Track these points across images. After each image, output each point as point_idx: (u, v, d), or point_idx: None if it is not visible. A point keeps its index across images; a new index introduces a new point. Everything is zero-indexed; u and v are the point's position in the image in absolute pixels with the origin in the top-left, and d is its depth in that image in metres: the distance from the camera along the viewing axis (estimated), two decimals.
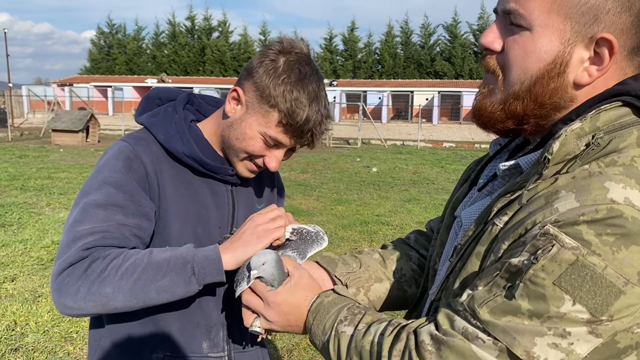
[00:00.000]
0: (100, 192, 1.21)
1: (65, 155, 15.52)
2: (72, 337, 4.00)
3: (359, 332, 0.94)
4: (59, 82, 42.65)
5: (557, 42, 0.83)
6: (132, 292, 1.14)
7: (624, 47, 0.83)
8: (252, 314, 1.11)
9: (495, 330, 0.76)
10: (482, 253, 0.86)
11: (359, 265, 1.23)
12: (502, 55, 0.89)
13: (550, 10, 0.82)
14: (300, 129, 1.25)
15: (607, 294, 0.70)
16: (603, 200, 0.73)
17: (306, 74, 1.25)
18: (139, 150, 1.29)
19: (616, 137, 0.80)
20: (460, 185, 1.15)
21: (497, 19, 0.91)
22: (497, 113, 0.90)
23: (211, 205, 1.38)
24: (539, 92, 0.85)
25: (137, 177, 1.26)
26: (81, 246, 1.15)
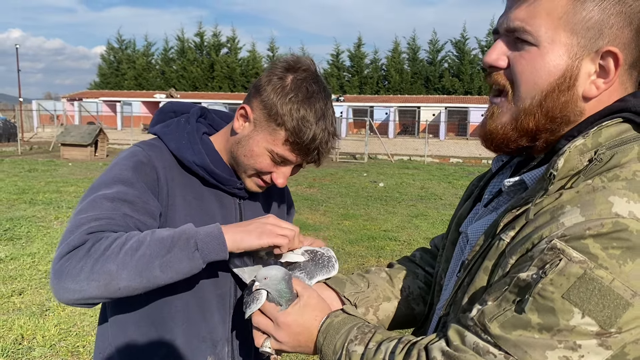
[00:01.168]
0: (110, 188, 1.22)
1: (74, 169, 15.63)
2: (79, 351, 3.99)
3: (369, 350, 0.94)
4: (68, 96, 43.12)
5: (565, 57, 0.85)
6: (137, 268, 1.10)
7: (625, 61, 0.85)
8: (263, 335, 1.12)
9: (507, 344, 0.77)
10: (490, 268, 0.87)
11: (367, 285, 1.24)
12: (509, 70, 0.90)
13: (556, 26, 0.84)
14: (307, 147, 1.26)
15: (615, 306, 0.71)
16: (608, 215, 0.74)
17: (313, 92, 1.27)
18: (152, 156, 1.31)
19: (618, 152, 0.81)
20: (464, 202, 1.16)
21: (500, 38, 0.92)
22: (510, 133, 0.91)
23: (218, 217, 1.38)
24: (550, 106, 0.87)
25: (147, 180, 1.27)
26: (85, 230, 1.13)
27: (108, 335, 1.36)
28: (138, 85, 49.04)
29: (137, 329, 1.31)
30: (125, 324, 1.33)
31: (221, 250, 1.15)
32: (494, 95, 0.94)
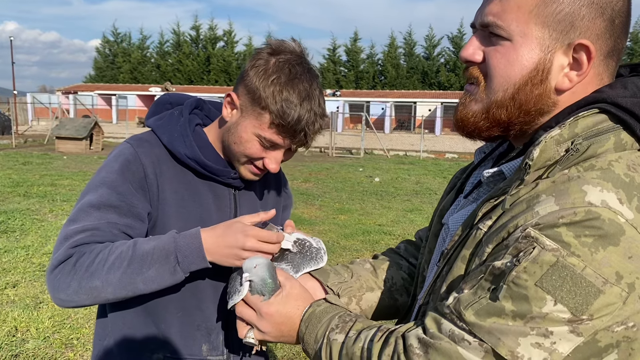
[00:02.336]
0: (96, 193, 1.26)
1: (69, 162, 15.58)
2: (72, 343, 4.01)
3: (349, 339, 0.95)
4: (63, 90, 42.88)
5: (537, 50, 0.86)
6: (120, 284, 1.18)
7: (600, 52, 0.86)
8: (246, 326, 1.13)
9: (481, 331, 0.78)
10: (468, 257, 0.88)
11: (350, 275, 1.25)
12: (484, 64, 0.91)
13: (527, 20, 0.85)
14: (292, 128, 1.26)
15: (586, 293, 0.72)
16: (581, 203, 0.75)
17: (297, 73, 1.26)
18: (140, 152, 1.33)
19: (594, 142, 0.82)
20: (446, 194, 1.17)
21: (476, 33, 0.93)
22: (481, 122, 0.92)
23: (213, 208, 1.39)
24: (522, 99, 0.88)
25: (134, 179, 1.29)
26: (70, 244, 1.20)
27: (107, 324, 1.39)
28: (133, 79, 48.79)
29: (135, 318, 1.35)
30: (123, 313, 1.36)
31: (201, 261, 1.21)
32: (469, 82, 0.95)
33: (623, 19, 0.86)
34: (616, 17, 0.85)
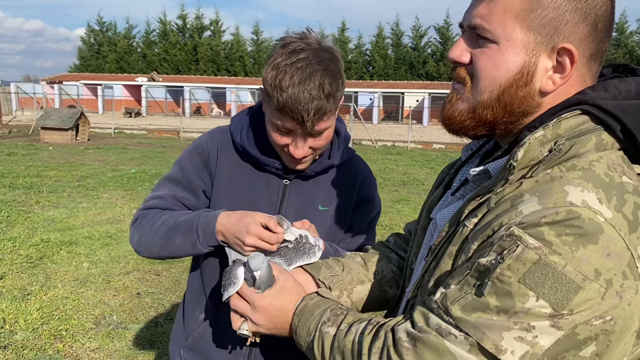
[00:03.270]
0: (171, 170, 1.59)
1: (55, 153, 15.43)
2: (61, 334, 4.01)
3: (341, 332, 0.98)
4: (48, 79, 42.33)
5: (522, 54, 0.88)
6: (160, 246, 1.47)
7: (583, 55, 0.88)
8: (240, 318, 1.15)
9: (467, 326, 0.81)
10: (454, 253, 0.91)
11: (341, 269, 1.27)
12: (471, 66, 0.93)
13: (513, 24, 0.87)
14: (289, 109, 1.30)
15: (567, 289, 0.75)
16: (563, 203, 0.78)
17: (297, 58, 1.30)
18: (209, 139, 1.57)
19: (576, 143, 0.85)
20: (435, 189, 1.20)
21: (464, 34, 0.95)
22: (467, 121, 0.95)
23: (263, 193, 1.54)
24: (507, 100, 0.90)
25: (199, 159, 1.55)
26: (143, 206, 1.56)
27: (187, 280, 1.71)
28: (119, 69, 48.27)
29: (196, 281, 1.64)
30: (192, 275, 1.67)
31: (213, 240, 1.40)
32: (456, 81, 0.97)
33: (606, 23, 0.89)
34: (599, 22, 0.87)
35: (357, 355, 0.93)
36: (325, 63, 1.32)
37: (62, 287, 4.93)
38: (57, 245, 6.20)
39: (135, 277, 5.33)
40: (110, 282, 5.14)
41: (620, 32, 41.78)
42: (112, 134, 24.01)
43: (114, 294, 4.88)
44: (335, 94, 1.34)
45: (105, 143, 19.40)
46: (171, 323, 4.31)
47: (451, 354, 0.81)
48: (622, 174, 0.84)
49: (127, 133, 24.95)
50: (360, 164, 1.68)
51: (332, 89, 1.32)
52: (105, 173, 11.86)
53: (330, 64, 1.34)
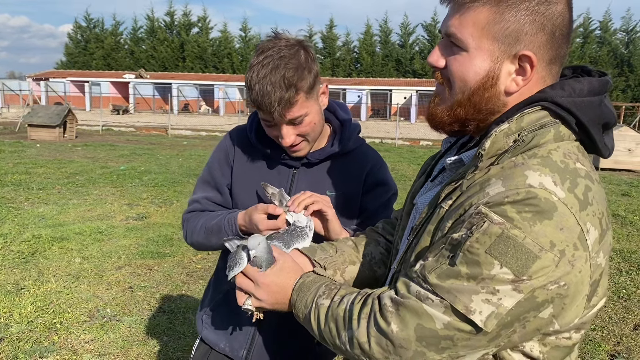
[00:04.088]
0: (203, 171, 1.82)
1: (43, 150, 15.39)
2: (56, 327, 4.09)
3: (334, 302, 1.11)
4: (34, 76, 41.96)
5: (488, 60, 1.01)
6: (204, 245, 1.72)
7: (542, 60, 1.01)
8: (245, 295, 1.26)
9: (442, 291, 0.93)
10: (432, 231, 1.04)
11: (335, 251, 1.39)
12: (446, 70, 1.06)
13: (480, 35, 1.00)
14: (258, 103, 1.49)
15: (526, 258, 0.88)
16: (523, 185, 0.91)
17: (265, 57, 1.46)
18: (230, 135, 1.79)
19: (537, 134, 0.98)
20: (418, 178, 1.33)
21: (441, 40, 1.08)
22: (445, 118, 1.08)
23: (275, 182, 1.67)
24: (476, 100, 1.03)
25: (222, 156, 1.77)
26: (186, 210, 1.80)
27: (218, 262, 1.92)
28: (107, 65, 47.96)
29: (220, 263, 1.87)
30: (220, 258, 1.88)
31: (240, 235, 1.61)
32: (438, 83, 1.10)
33: (563, 31, 1.01)
34: (556, 30, 1.00)
35: (348, 321, 1.05)
36: (287, 57, 1.46)
37: (55, 282, 5.00)
38: (49, 241, 6.25)
39: (127, 271, 5.41)
40: (102, 277, 5.21)
41: (605, 31, 42.28)
42: (100, 131, 23.93)
43: (107, 288, 4.96)
44: (298, 83, 1.47)
45: (93, 140, 19.34)
46: (163, 315, 4.40)
47: (428, 315, 0.93)
48: (576, 161, 0.97)
49: (115, 130, 24.87)
50: (369, 152, 1.80)
51: (294, 79, 1.46)
52: (95, 170, 11.88)
53: (294, 57, 1.47)
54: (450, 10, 1.04)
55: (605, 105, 1.02)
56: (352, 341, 1.03)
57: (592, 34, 42.30)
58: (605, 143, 1.03)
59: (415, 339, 0.94)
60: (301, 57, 1.49)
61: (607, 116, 1.02)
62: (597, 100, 1.01)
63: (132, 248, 6.17)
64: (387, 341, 0.97)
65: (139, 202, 8.68)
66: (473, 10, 0.99)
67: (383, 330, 0.98)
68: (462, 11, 1.01)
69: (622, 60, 41.27)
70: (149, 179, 10.91)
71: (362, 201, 1.75)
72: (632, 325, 4.48)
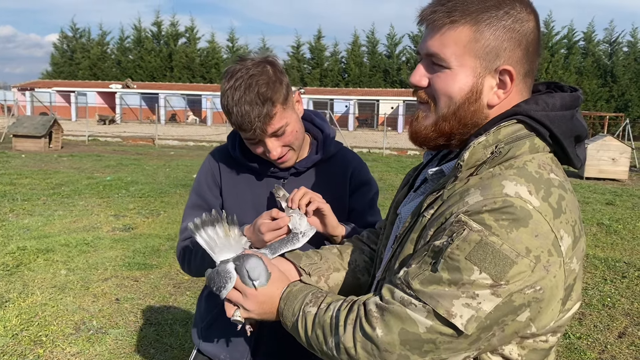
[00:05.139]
0: (190, 198, 1.80)
1: (28, 161, 15.26)
2: (41, 340, 4.05)
3: (321, 310, 1.14)
4: (19, 86, 41.63)
5: (471, 77, 1.05)
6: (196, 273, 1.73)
7: (519, 73, 1.06)
8: (233, 306, 1.28)
9: (424, 296, 0.96)
10: (415, 239, 1.07)
11: (320, 258, 1.41)
12: (430, 88, 1.10)
13: (462, 53, 1.04)
14: (239, 124, 1.53)
15: (504, 264, 0.92)
16: (500, 194, 0.96)
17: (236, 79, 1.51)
18: (211, 157, 1.80)
19: (513, 146, 1.03)
20: (401, 189, 1.37)
21: (422, 60, 1.12)
22: (431, 134, 1.12)
23: (264, 196, 1.72)
24: (462, 114, 1.08)
25: (208, 179, 1.77)
26: (180, 240, 1.77)
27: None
28: (93, 75, 47.73)
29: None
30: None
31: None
32: (419, 102, 1.14)
33: (535, 47, 1.07)
34: (530, 46, 1.06)
35: (335, 327, 1.07)
36: (258, 75, 1.52)
37: (40, 294, 4.95)
38: (34, 253, 6.19)
39: (113, 283, 5.37)
40: (88, 289, 5.17)
41: (588, 42, 42.98)
42: (86, 141, 23.79)
43: (93, 300, 4.92)
44: (273, 96, 1.52)
45: (79, 150, 19.22)
46: (151, 327, 4.38)
47: (412, 319, 0.97)
48: (550, 172, 1.02)
49: (101, 140, 24.74)
50: (349, 154, 1.87)
51: (268, 93, 1.51)
52: (81, 181, 11.80)
53: (263, 73, 1.53)
54: (428, 31, 1.08)
55: (576, 119, 1.08)
56: (339, 347, 1.05)
57: (576, 45, 42.98)
58: (577, 154, 1.09)
59: (400, 343, 0.98)
60: (269, 72, 1.54)
61: (578, 129, 1.08)
62: (569, 114, 1.06)
63: (119, 259, 6.13)
64: (372, 345, 1.00)
65: (125, 213, 8.63)
66: (453, 30, 1.04)
67: (368, 335, 1.01)
68: (442, 31, 1.05)
69: (605, 70, 41.94)
70: (136, 189, 10.86)
71: (350, 202, 1.81)
72: (617, 333, 4.53)
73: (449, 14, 1.04)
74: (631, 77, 41.06)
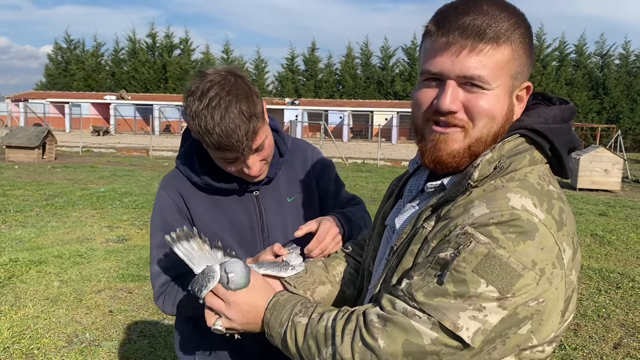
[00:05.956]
0: (155, 237, 1.64)
1: (21, 172, 15.18)
2: (33, 353, 4.00)
3: (313, 320, 1.11)
4: (13, 97, 41.50)
5: (507, 95, 1.06)
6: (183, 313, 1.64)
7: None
8: (215, 315, 1.23)
9: (429, 308, 0.96)
10: (415, 251, 1.06)
11: (305, 271, 1.39)
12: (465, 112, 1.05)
13: (501, 74, 1.03)
14: (224, 145, 1.42)
15: (510, 277, 0.92)
16: (506, 207, 0.96)
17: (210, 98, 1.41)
18: (167, 192, 1.65)
19: (514, 160, 1.04)
20: (386, 199, 1.35)
21: (449, 84, 1.04)
22: (465, 159, 1.07)
23: (240, 212, 1.63)
24: (500, 132, 1.08)
25: (172, 214, 1.62)
26: (159, 284, 1.63)
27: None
28: (87, 87, 47.60)
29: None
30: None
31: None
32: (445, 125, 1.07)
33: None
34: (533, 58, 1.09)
35: (330, 337, 1.05)
36: (234, 89, 1.43)
37: (32, 306, 4.91)
38: (26, 264, 6.14)
39: (107, 295, 5.33)
40: (81, 301, 5.13)
41: (580, 54, 43.39)
42: (80, 152, 23.70)
43: (86, 312, 4.87)
44: (255, 110, 1.45)
45: (73, 162, 19.14)
46: (144, 340, 4.34)
47: (416, 331, 0.96)
48: (549, 184, 1.04)
49: (95, 151, 24.66)
50: (299, 143, 1.82)
51: (250, 108, 1.44)
52: (74, 192, 11.74)
53: (237, 87, 1.44)
54: (463, 50, 1.01)
55: (572, 131, 1.10)
56: (335, 357, 1.04)
57: (568, 58, 43.33)
58: (570, 165, 1.11)
59: (402, 354, 0.97)
60: (243, 85, 1.46)
61: (574, 141, 1.10)
62: (568, 127, 1.08)
63: (112, 271, 6.09)
64: (372, 355, 0.99)
65: (119, 224, 8.58)
66: (494, 50, 1.01)
67: (370, 345, 0.99)
68: (483, 51, 1.01)
69: (597, 82, 42.28)
70: (130, 200, 10.81)
71: (320, 187, 1.78)
72: (612, 344, 4.53)
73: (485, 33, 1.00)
74: (622, 89, 41.42)
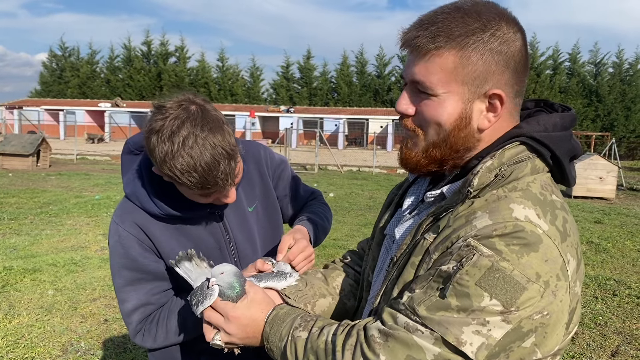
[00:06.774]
0: (120, 277, 1.52)
1: (15, 179, 15.09)
2: None
3: (313, 334, 1.08)
4: (7, 104, 41.37)
5: (459, 103, 1.03)
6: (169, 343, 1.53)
7: (509, 95, 1.04)
8: (213, 330, 1.21)
9: (432, 323, 0.93)
10: (417, 263, 1.04)
11: (304, 284, 1.37)
12: (417, 116, 1.07)
13: (448, 81, 1.01)
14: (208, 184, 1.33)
15: (514, 290, 0.90)
16: (510, 219, 0.94)
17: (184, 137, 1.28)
18: (125, 228, 1.50)
19: (516, 168, 1.02)
20: (386, 209, 1.33)
21: (407, 87, 1.08)
22: (422, 160, 1.09)
23: (206, 235, 1.56)
24: (453, 141, 1.05)
25: (136, 248, 1.50)
26: (136, 321, 1.52)
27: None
28: (82, 94, 47.53)
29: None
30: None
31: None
32: (407, 129, 1.10)
33: (523, 66, 1.05)
34: (518, 66, 1.03)
35: (331, 352, 1.03)
36: (205, 123, 1.31)
37: (26, 315, 4.86)
38: (21, 272, 6.09)
39: (102, 303, 5.28)
40: (76, 309, 5.08)
41: (574, 62, 43.66)
42: (75, 160, 23.60)
43: (81, 320, 4.83)
44: (230, 140, 1.35)
45: (67, 169, 19.06)
46: (140, 349, 4.30)
47: (419, 346, 0.93)
48: (552, 193, 1.01)
49: (90, 159, 24.57)
50: (249, 145, 1.72)
51: (227, 139, 1.33)
52: (69, 199, 11.67)
53: (208, 120, 1.32)
54: (413, 57, 1.04)
55: (573, 139, 1.07)
56: None
57: (562, 66, 43.58)
58: (572, 174, 1.08)
59: None
60: (209, 115, 1.33)
61: (575, 149, 1.07)
62: (568, 134, 1.06)
63: (107, 279, 6.04)
64: None
65: None
66: (439, 57, 1.00)
67: None
68: (427, 58, 1.01)
69: (590, 90, 42.52)
70: None
71: (278, 190, 1.73)
72: (610, 352, 4.52)
73: (433, 39, 0.99)
74: (616, 97, 41.66)
